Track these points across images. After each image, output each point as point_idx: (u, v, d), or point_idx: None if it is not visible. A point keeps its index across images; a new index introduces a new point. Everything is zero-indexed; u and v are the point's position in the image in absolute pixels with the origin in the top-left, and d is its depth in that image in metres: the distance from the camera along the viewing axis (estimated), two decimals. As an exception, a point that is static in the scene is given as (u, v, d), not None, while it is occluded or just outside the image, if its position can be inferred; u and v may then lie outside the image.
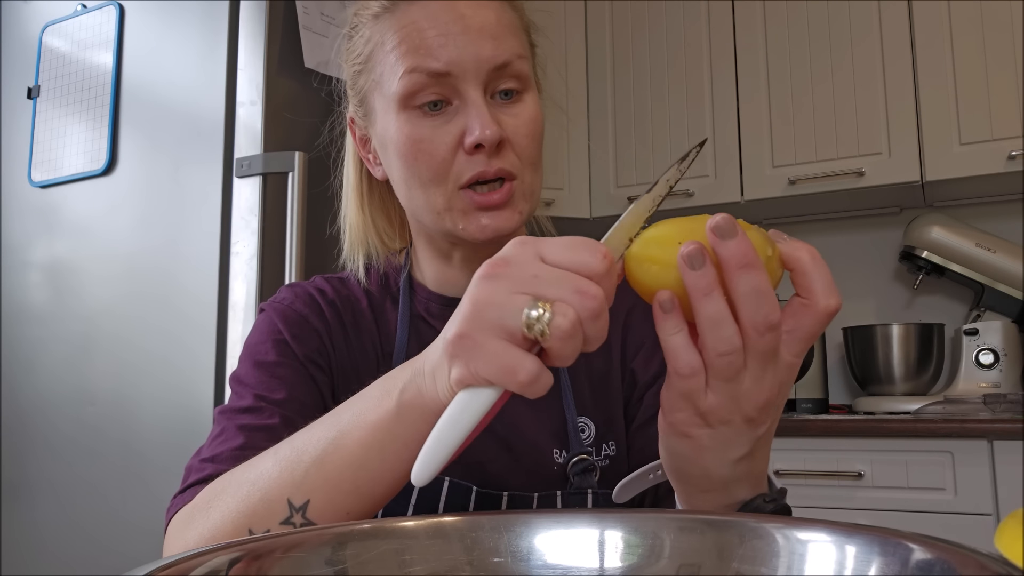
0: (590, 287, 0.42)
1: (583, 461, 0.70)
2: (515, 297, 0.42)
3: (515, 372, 0.41)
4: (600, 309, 0.42)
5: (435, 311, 0.76)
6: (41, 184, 1.78)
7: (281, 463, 0.54)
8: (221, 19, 1.57)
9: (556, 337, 0.41)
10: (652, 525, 0.43)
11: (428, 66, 0.65)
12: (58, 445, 1.67)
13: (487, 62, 0.66)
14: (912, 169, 2.02)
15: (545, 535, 0.43)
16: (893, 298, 2.31)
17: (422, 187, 0.68)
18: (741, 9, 2.26)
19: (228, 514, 0.55)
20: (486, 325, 0.42)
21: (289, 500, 0.53)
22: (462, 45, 0.65)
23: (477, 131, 0.64)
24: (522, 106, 0.68)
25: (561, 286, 0.42)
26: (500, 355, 0.42)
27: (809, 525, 0.40)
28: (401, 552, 0.43)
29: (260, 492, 0.54)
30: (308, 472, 0.52)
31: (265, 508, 0.53)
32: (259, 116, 1.51)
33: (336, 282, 0.78)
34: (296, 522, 0.52)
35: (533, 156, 0.69)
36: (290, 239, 1.47)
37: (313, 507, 0.52)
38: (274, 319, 0.73)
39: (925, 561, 0.35)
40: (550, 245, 0.44)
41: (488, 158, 0.65)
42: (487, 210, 0.66)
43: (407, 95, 0.66)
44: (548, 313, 0.41)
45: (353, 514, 0.52)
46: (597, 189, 2.41)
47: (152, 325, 1.58)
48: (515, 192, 0.67)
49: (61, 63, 1.79)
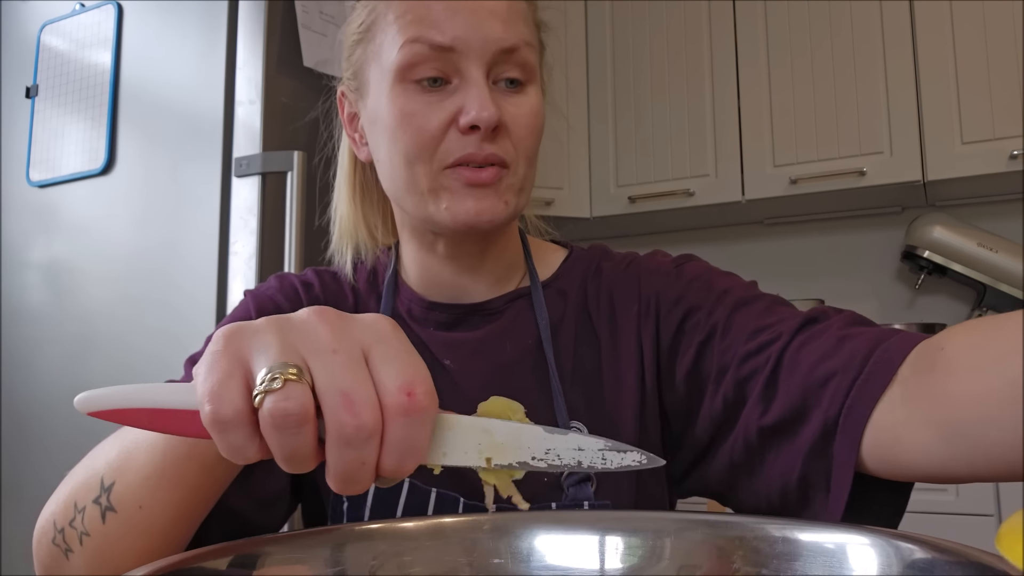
0: (364, 407, 0.34)
1: (578, 472, 0.65)
2: (286, 348, 0.36)
3: (212, 399, 0.35)
4: (353, 437, 0.34)
5: (417, 313, 0.73)
6: (39, 183, 1.77)
7: (113, 441, 0.54)
8: (220, 18, 1.57)
9: (264, 412, 0.34)
10: (652, 526, 0.43)
11: (431, 38, 0.62)
12: (57, 445, 1.67)
13: (494, 43, 0.62)
14: (914, 168, 2.02)
15: (545, 536, 0.43)
16: (895, 298, 2.31)
17: (407, 164, 0.64)
18: (742, 8, 2.25)
19: (68, 484, 0.55)
20: (243, 343, 0.36)
21: (102, 479, 0.52)
22: (470, 22, 0.62)
23: (474, 111, 0.61)
24: (525, 97, 0.65)
25: (335, 382, 0.35)
26: (219, 375, 0.35)
27: (809, 526, 0.40)
28: (401, 553, 0.43)
29: (91, 466, 0.54)
30: (120, 453, 0.52)
31: (87, 483, 0.53)
32: (258, 115, 1.51)
33: (327, 276, 0.76)
34: (102, 503, 0.52)
35: (529, 149, 0.66)
36: (289, 239, 1.47)
37: (116, 490, 0.51)
38: (250, 306, 0.72)
39: (925, 561, 0.35)
40: (390, 346, 0.37)
41: (481, 141, 0.62)
42: (475, 187, 0.63)
43: (406, 66, 0.63)
44: (278, 383, 0.34)
45: (147, 508, 0.51)
46: (597, 189, 2.40)
47: (151, 325, 1.58)
48: (504, 180, 0.64)
49: (59, 62, 1.79)
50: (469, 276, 0.71)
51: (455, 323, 0.72)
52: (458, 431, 0.38)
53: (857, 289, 2.35)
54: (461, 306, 0.72)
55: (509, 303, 0.72)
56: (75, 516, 0.53)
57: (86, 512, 0.52)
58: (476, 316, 0.72)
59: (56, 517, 0.55)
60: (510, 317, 0.72)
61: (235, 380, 0.35)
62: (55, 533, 0.54)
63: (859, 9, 2.11)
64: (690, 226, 2.55)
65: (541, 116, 0.67)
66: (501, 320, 0.72)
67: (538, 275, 0.74)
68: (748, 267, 2.50)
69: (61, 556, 0.54)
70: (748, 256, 2.51)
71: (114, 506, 0.51)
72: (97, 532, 0.52)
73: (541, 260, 0.76)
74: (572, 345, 0.70)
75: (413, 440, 0.35)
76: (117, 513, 0.51)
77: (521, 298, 0.73)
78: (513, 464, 0.38)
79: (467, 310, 0.72)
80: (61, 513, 0.54)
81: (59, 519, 0.54)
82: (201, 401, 0.35)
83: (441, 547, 0.44)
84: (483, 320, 0.72)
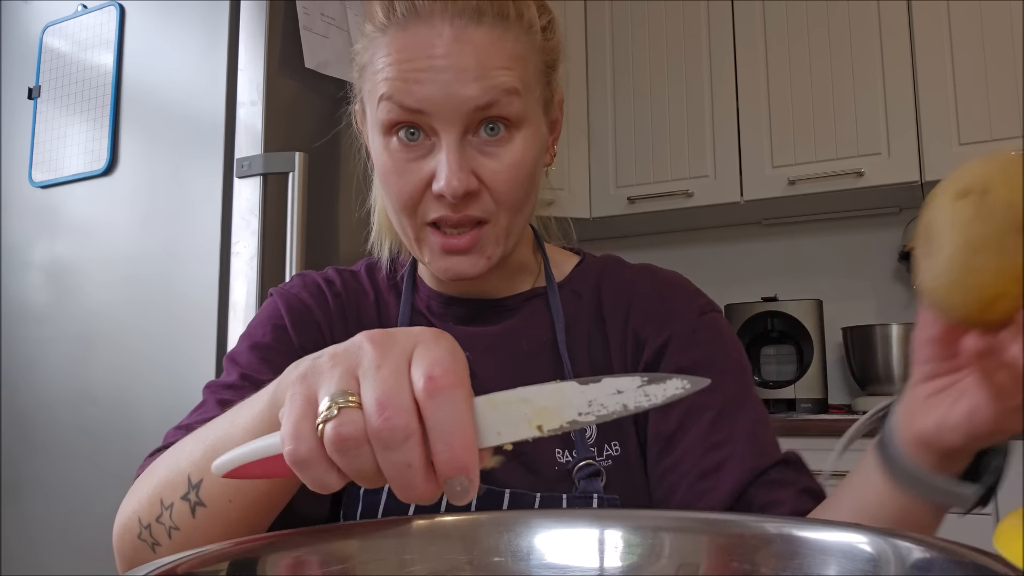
0: (393, 407, 0.36)
1: (589, 466, 0.68)
2: (343, 377, 0.38)
3: (291, 439, 0.38)
4: (390, 439, 0.36)
5: (436, 308, 0.76)
6: (41, 184, 1.78)
7: (195, 441, 0.56)
8: (221, 19, 1.57)
9: (327, 439, 0.37)
10: (652, 524, 0.43)
11: (402, 101, 0.62)
12: (58, 445, 1.67)
13: (467, 102, 0.61)
14: (911, 169, 2.02)
15: (545, 534, 0.43)
16: (893, 298, 2.32)
17: (395, 213, 0.67)
18: (741, 9, 2.26)
19: (152, 483, 0.58)
20: (313, 382, 0.39)
21: (189, 476, 0.55)
22: (441, 83, 0.60)
23: (442, 182, 0.61)
24: (508, 148, 0.63)
25: (373, 392, 0.37)
26: (294, 415, 0.38)
27: (809, 525, 0.40)
28: (401, 551, 0.43)
29: (175, 466, 0.56)
30: (205, 453, 0.54)
31: (173, 481, 0.55)
32: (259, 116, 1.51)
33: (347, 275, 0.79)
34: (191, 499, 0.54)
35: (513, 201, 0.65)
36: (290, 239, 1.47)
37: (204, 486, 0.54)
38: (279, 304, 0.74)
39: (924, 560, 0.35)
40: (428, 346, 0.39)
41: (453, 208, 0.63)
42: (451, 254, 0.65)
43: (385, 124, 0.64)
44: (334, 412, 0.37)
45: (236, 503, 0.53)
46: (597, 189, 2.41)
47: (152, 325, 1.58)
48: (484, 237, 0.65)
49: (62, 63, 1.79)
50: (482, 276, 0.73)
51: (473, 317, 0.74)
52: (501, 407, 0.38)
53: (855, 289, 2.35)
54: (479, 301, 0.75)
55: (525, 301, 0.75)
56: (162, 512, 0.56)
57: (174, 508, 0.55)
58: (493, 312, 0.74)
59: (140, 514, 0.57)
60: (526, 315, 0.74)
61: (306, 420, 0.38)
62: (141, 529, 0.57)
63: (857, 10, 2.12)
64: (689, 227, 2.55)
65: (527, 164, 0.65)
66: (518, 317, 0.74)
67: (554, 276, 0.76)
68: (747, 267, 2.50)
69: (147, 549, 0.57)
70: (747, 256, 2.51)
71: (204, 501, 0.54)
72: (187, 525, 0.55)
73: (555, 263, 0.78)
74: (585, 344, 0.73)
75: (448, 422, 0.36)
76: (207, 507, 0.54)
77: (536, 297, 0.75)
78: (563, 425, 0.38)
79: (485, 305, 0.74)
80: (146, 510, 0.57)
81: (144, 516, 0.57)
82: (283, 444, 0.38)
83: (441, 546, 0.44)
84: (500, 316, 0.74)
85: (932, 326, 0.46)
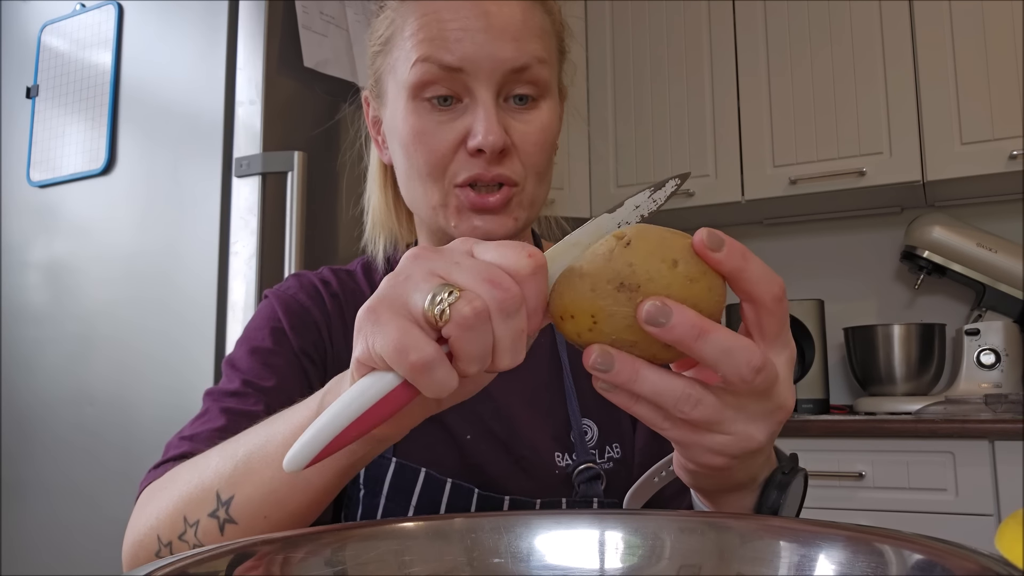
0: (504, 279, 0.39)
1: (589, 470, 0.68)
2: (429, 277, 0.39)
3: (406, 352, 0.38)
4: (511, 306, 0.39)
5: None
6: (40, 184, 1.77)
7: (221, 456, 0.55)
8: (220, 18, 1.57)
9: (456, 323, 0.38)
10: (652, 526, 0.43)
11: (441, 59, 0.63)
12: (57, 445, 1.67)
13: (504, 63, 0.64)
14: (913, 169, 2.02)
15: (545, 536, 0.43)
16: (894, 298, 2.31)
17: (420, 180, 0.67)
18: (742, 8, 2.25)
19: (171, 499, 0.56)
20: (393, 301, 0.40)
21: (218, 493, 0.53)
22: (480, 42, 0.63)
23: (480, 135, 0.63)
24: (536, 113, 0.66)
25: (476, 275, 0.39)
26: (397, 332, 0.38)
27: (810, 526, 0.40)
28: (401, 552, 0.43)
29: (198, 481, 0.55)
30: (237, 468, 0.53)
31: (198, 498, 0.54)
32: (258, 116, 1.51)
33: (343, 274, 0.78)
34: (220, 516, 0.53)
35: (539, 165, 0.67)
36: (289, 239, 1.47)
37: (236, 503, 0.52)
38: (275, 307, 0.73)
39: (925, 562, 0.35)
40: (484, 244, 0.42)
41: (488, 163, 0.64)
42: (481, 212, 0.65)
43: (417, 85, 0.65)
44: (453, 296, 0.38)
45: (271, 519, 0.52)
46: (597, 189, 2.41)
47: (151, 325, 1.58)
48: (513, 199, 0.66)
49: (60, 62, 1.79)
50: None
51: None
52: (559, 259, 0.42)
53: (857, 289, 2.35)
54: None
55: None
56: (186, 530, 0.54)
57: (200, 525, 0.54)
58: None
59: (160, 531, 0.56)
60: None
61: (410, 331, 0.38)
62: (160, 547, 0.56)
63: (859, 10, 2.11)
64: (690, 226, 2.54)
65: (552, 131, 0.68)
66: None
67: None
68: (748, 267, 2.50)
69: None
70: (748, 256, 2.51)
71: (234, 518, 0.52)
72: (214, 543, 0.53)
73: None
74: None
75: (543, 291, 0.40)
76: (238, 525, 0.52)
77: None
78: None
79: None
80: (167, 527, 0.55)
81: (164, 533, 0.55)
82: (395, 362, 0.38)
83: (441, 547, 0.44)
84: None
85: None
